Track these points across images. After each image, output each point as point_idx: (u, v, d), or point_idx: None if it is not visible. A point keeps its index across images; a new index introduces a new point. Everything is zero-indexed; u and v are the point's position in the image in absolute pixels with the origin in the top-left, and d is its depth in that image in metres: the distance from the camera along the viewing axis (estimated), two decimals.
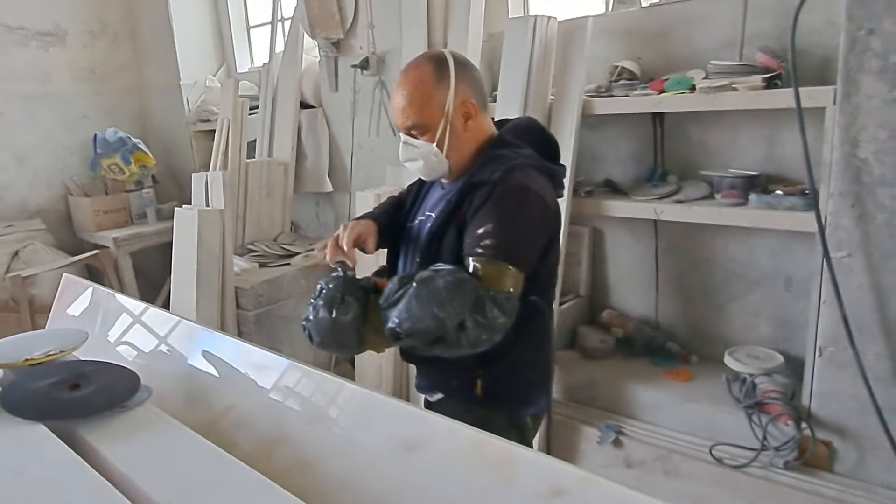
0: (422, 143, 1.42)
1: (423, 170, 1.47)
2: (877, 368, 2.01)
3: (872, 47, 1.85)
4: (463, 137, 1.43)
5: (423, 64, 1.42)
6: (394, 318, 1.26)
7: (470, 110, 1.42)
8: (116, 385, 1.06)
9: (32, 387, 1.02)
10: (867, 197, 1.94)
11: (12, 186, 4.10)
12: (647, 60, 2.52)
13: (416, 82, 1.41)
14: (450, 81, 1.39)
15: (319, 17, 3.26)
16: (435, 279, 1.25)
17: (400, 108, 1.42)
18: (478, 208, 1.35)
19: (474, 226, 1.34)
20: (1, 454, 0.87)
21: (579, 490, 0.75)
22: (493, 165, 1.37)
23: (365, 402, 1.03)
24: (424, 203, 1.57)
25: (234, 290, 2.96)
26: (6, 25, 4.01)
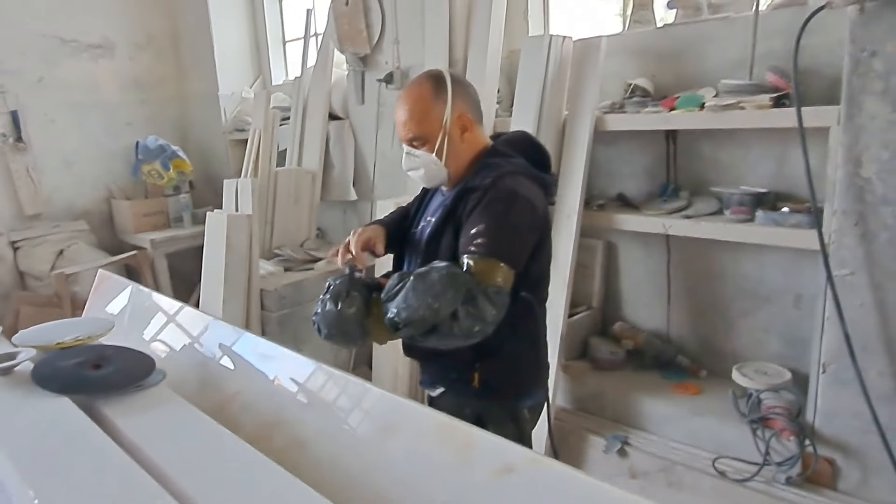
0: (422, 153, 1.55)
1: (425, 177, 1.59)
2: (879, 387, 2.02)
3: (875, 69, 1.89)
4: (460, 148, 1.55)
5: (422, 82, 1.55)
6: (392, 308, 1.36)
7: (466, 123, 1.55)
8: (134, 367, 1.17)
9: (60, 364, 1.14)
10: (870, 216, 1.96)
11: (60, 188, 4.34)
12: (661, 78, 2.58)
13: (416, 98, 1.54)
14: (447, 97, 1.52)
15: (348, 33, 3.41)
16: (430, 273, 1.36)
17: (402, 122, 1.55)
18: (471, 211, 1.47)
19: (468, 227, 1.45)
20: (30, 419, 0.99)
21: (527, 468, 0.83)
22: (486, 172, 1.49)
23: (353, 391, 1.12)
24: (426, 209, 1.68)
25: (260, 291, 3.10)
26: (60, 38, 4.27)
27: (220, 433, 1.00)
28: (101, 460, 0.87)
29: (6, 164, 4.11)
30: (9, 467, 0.86)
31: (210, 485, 0.83)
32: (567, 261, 2.61)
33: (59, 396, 1.08)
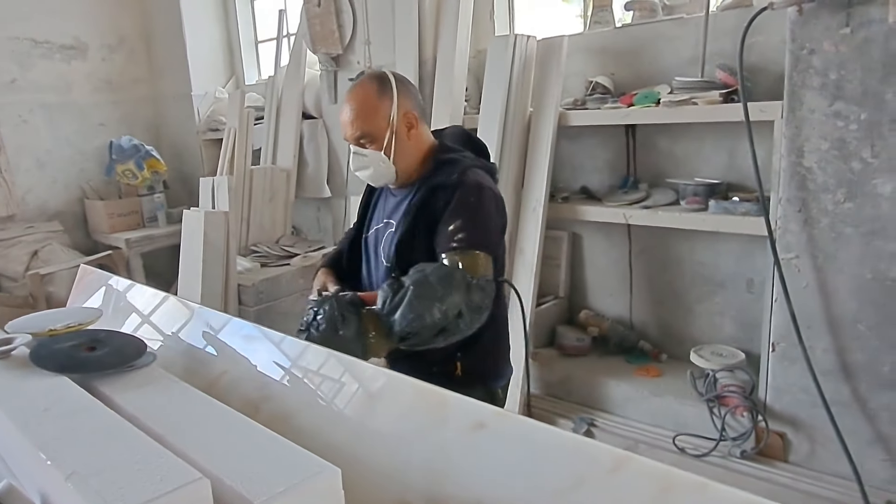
0: (370, 151, 1.56)
1: (373, 176, 1.61)
2: (824, 363, 2.17)
3: (814, 65, 2.03)
4: (407, 145, 1.58)
5: (366, 82, 1.58)
6: (400, 321, 1.39)
7: (412, 120, 1.58)
8: (126, 348, 1.25)
9: (56, 347, 1.22)
10: (812, 202, 2.11)
11: (33, 189, 4.34)
12: (620, 76, 2.71)
13: (361, 97, 1.56)
14: (392, 95, 1.55)
15: (320, 33, 3.48)
16: (428, 279, 1.39)
17: (348, 121, 1.56)
18: (444, 208, 1.51)
19: (444, 225, 1.50)
20: (30, 395, 1.06)
21: (496, 422, 0.94)
22: (449, 169, 1.55)
23: (335, 365, 1.21)
24: (377, 212, 1.71)
25: (237, 287, 3.16)
26: (33, 40, 4.27)
27: (212, 403, 1.08)
28: (105, 427, 0.94)
29: None
30: (18, 436, 0.94)
31: (208, 447, 0.91)
32: (534, 252, 2.73)
33: (56, 375, 1.15)
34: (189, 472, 0.79)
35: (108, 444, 0.88)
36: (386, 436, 1.07)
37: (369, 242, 1.69)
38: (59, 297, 3.82)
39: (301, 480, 0.80)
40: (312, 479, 0.81)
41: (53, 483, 0.88)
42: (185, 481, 0.76)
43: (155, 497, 0.73)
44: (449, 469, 0.98)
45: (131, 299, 1.85)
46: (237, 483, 0.81)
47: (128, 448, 0.87)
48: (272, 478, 0.81)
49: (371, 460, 1.04)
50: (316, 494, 0.81)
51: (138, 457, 0.84)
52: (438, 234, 1.52)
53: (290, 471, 0.83)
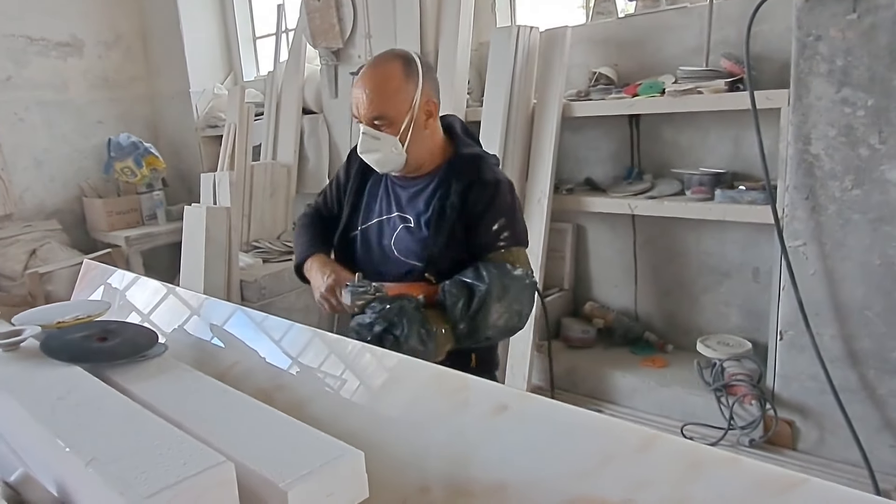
0: (384, 135, 1.47)
1: (380, 161, 1.52)
2: (832, 350, 2.17)
3: (820, 52, 2.03)
4: (423, 134, 1.50)
5: (392, 59, 1.48)
6: (487, 328, 1.43)
7: (432, 109, 1.51)
8: (138, 338, 1.24)
9: (68, 338, 1.20)
10: (819, 190, 2.11)
11: (31, 188, 4.31)
12: (624, 66, 2.70)
13: (385, 75, 1.46)
14: (418, 79, 1.46)
15: (321, 28, 3.46)
16: (512, 285, 1.44)
17: (366, 99, 1.46)
18: (485, 207, 1.49)
19: (487, 224, 1.49)
20: (45, 384, 1.05)
21: (519, 405, 0.93)
22: (474, 164, 1.52)
23: (349, 352, 1.20)
24: (378, 202, 1.61)
25: (240, 282, 3.14)
26: (28, 37, 4.23)
27: (228, 390, 1.07)
28: (121, 414, 0.93)
29: None
30: (33, 425, 0.92)
31: (228, 433, 0.89)
32: (539, 244, 2.71)
33: (68, 365, 1.14)
34: (212, 456, 0.77)
35: (127, 431, 0.86)
36: (404, 421, 1.06)
37: (370, 234, 1.61)
38: (58, 295, 3.79)
39: (325, 463, 0.80)
40: (336, 462, 0.81)
41: (72, 471, 0.86)
42: (209, 464, 0.75)
43: (179, 480, 0.72)
44: (470, 453, 0.97)
45: (136, 292, 1.84)
46: (260, 466, 0.80)
47: (147, 434, 0.85)
48: (295, 461, 0.80)
49: (389, 446, 1.03)
50: (340, 477, 0.80)
51: (158, 442, 0.82)
52: (480, 232, 1.50)
53: (312, 454, 0.82)
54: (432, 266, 1.51)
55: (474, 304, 1.42)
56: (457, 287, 1.44)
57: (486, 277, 1.43)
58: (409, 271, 1.55)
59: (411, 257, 1.55)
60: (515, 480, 0.92)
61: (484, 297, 1.41)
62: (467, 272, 1.47)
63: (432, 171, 1.56)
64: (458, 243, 1.50)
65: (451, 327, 1.44)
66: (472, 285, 1.43)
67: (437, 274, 1.51)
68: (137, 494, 0.70)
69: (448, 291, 1.44)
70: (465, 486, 0.97)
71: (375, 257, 1.61)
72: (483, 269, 1.45)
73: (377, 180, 1.64)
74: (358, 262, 1.62)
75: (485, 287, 1.42)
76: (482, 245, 1.49)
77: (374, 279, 1.54)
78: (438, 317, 1.44)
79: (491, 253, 1.48)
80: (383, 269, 1.59)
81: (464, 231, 1.50)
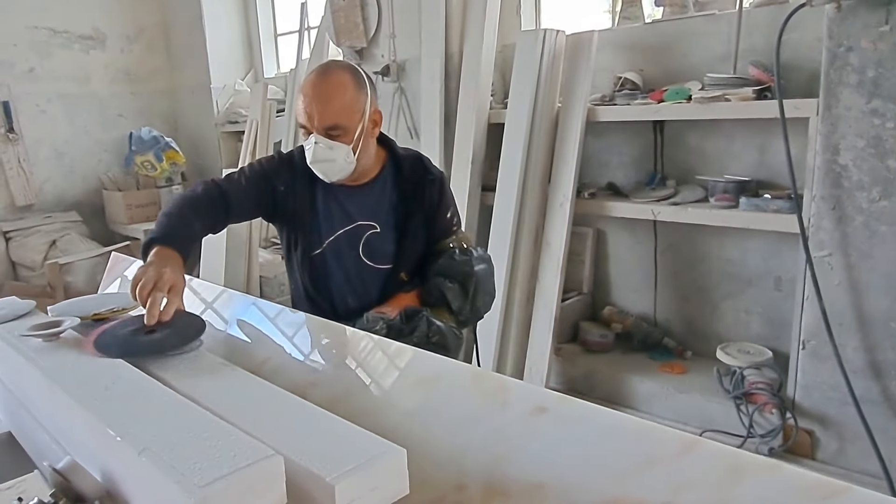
0: (338, 144, 1.48)
1: (331, 170, 1.52)
2: (855, 361, 2.16)
3: (851, 63, 2.02)
4: (369, 143, 1.55)
5: (341, 70, 1.51)
6: (483, 307, 1.61)
7: (377, 119, 1.56)
8: (186, 328, 1.25)
9: (119, 333, 1.21)
10: (846, 200, 2.10)
11: (51, 179, 4.36)
12: (649, 72, 2.70)
13: (338, 86, 1.48)
14: (366, 89, 1.52)
15: (345, 26, 3.48)
16: (483, 266, 1.61)
17: (320, 109, 1.47)
18: (438, 200, 1.64)
19: (441, 214, 1.65)
20: (89, 374, 1.06)
21: (558, 407, 0.93)
22: (425, 163, 1.66)
23: (385, 350, 1.21)
24: (334, 217, 1.60)
25: (259, 278, 3.16)
26: (51, 29, 4.28)
27: (266, 385, 1.08)
28: (168, 405, 0.94)
29: None
30: (82, 413, 0.93)
31: (270, 427, 0.90)
32: (560, 247, 2.72)
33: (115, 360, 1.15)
34: (261, 449, 0.78)
35: (175, 422, 0.88)
36: (441, 420, 1.06)
37: (338, 246, 1.61)
38: (77, 286, 3.83)
39: (369, 459, 0.80)
40: (380, 458, 0.81)
41: (122, 459, 0.87)
42: (259, 457, 0.76)
43: (231, 472, 0.73)
44: (508, 453, 0.97)
45: None
46: (306, 461, 0.80)
47: (194, 425, 0.86)
48: (340, 456, 0.81)
49: (425, 445, 1.03)
50: (383, 473, 0.81)
51: (207, 434, 0.83)
52: (437, 223, 1.64)
53: (356, 450, 0.82)
54: (404, 265, 1.62)
55: (471, 290, 1.56)
56: (450, 281, 1.57)
57: (467, 262, 1.58)
58: (381, 275, 1.63)
59: (382, 261, 1.62)
60: (553, 481, 0.92)
61: (476, 279, 1.57)
62: (444, 265, 1.59)
63: (375, 176, 1.63)
64: (422, 237, 1.63)
65: (455, 318, 1.57)
66: (460, 274, 1.57)
67: (408, 272, 1.63)
68: (192, 484, 0.71)
69: (444, 287, 1.56)
70: (502, 485, 0.97)
71: (348, 267, 1.63)
72: (456, 256, 1.60)
73: (324, 196, 1.61)
74: (330, 276, 1.63)
75: (471, 270, 1.57)
76: (439, 233, 1.64)
77: (347, 288, 1.63)
78: (443, 314, 1.56)
79: (448, 238, 1.64)
80: (356, 278, 1.63)
81: (424, 225, 1.62)
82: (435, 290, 1.57)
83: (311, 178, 1.57)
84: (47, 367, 1.10)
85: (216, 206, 1.54)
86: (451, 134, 3.09)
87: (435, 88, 3.13)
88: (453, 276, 1.57)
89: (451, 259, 1.59)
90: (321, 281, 1.63)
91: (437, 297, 1.56)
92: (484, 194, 3.04)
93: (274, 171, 1.60)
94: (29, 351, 1.20)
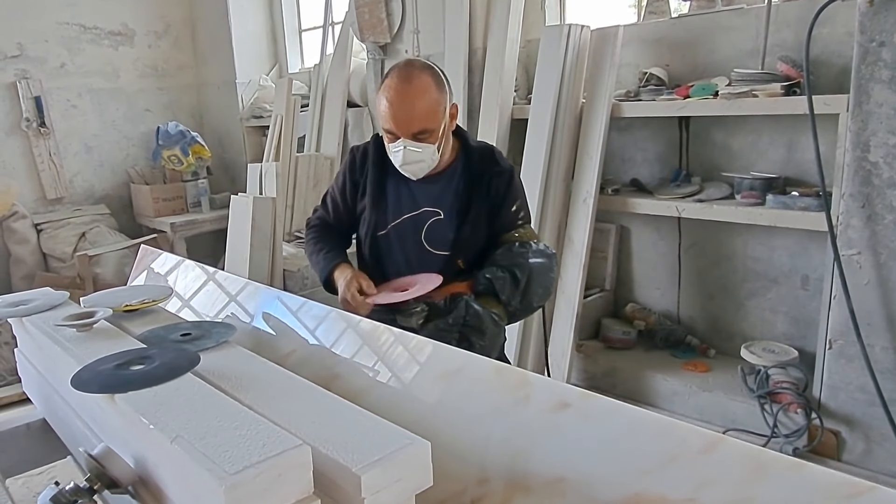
0: (426, 146, 1.54)
1: (420, 170, 1.58)
2: (883, 361, 2.12)
3: (883, 58, 1.98)
4: (448, 137, 1.61)
5: (422, 73, 1.53)
6: (537, 300, 1.62)
7: (454, 112, 1.60)
8: (218, 332, 1.27)
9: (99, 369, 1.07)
10: (877, 198, 2.07)
11: (81, 172, 4.44)
12: (675, 67, 2.68)
13: (422, 91, 1.51)
14: (446, 88, 1.56)
15: (369, 22, 3.50)
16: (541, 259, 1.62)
17: (409, 115, 1.50)
18: (504, 193, 1.65)
19: (507, 207, 1.65)
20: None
21: (581, 402, 0.94)
22: (495, 155, 1.67)
23: (407, 344, 1.22)
24: (401, 200, 1.67)
25: (283, 272, 3.20)
26: (82, 25, 4.35)
27: (292, 377, 1.10)
28: (198, 395, 0.96)
29: (29, 149, 4.21)
30: (116, 402, 0.96)
31: (297, 417, 0.92)
32: (583, 244, 2.71)
33: (142, 347, 1.18)
34: (289, 439, 0.80)
35: (205, 411, 0.90)
36: (463, 415, 1.07)
37: (402, 230, 1.67)
38: (105, 278, 3.91)
39: (394, 451, 0.82)
40: (405, 450, 0.83)
41: (154, 447, 0.90)
42: (287, 447, 0.78)
43: (260, 460, 0.75)
44: (530, 447, 0.98)
45: (192, 278, 1.89)
46: (333, 451, 0.82)
47: (224, 415, 0.88)
48: (366, 447, 0.82)
49: (447, 438, 1.04)
50: (408, 465, 0.82)
51: (236, 423, 0.85)
52: (502, 215, 1.65)
53: (381, 442, 0.84)
54: (462, 253, 1.65)
55: (522, 281, 1.57)
56: (500, 270, 1.58)
57: (522, 255, 1.59)
58: (440, 260, 1.66)
59: (442, 248, 1.66)
60: (575, 476, 0.93)
61: (528, 272, 1.57)
62: (499, 256, 1.61)
63: (447, 166, 1.66)
64: (484, 228, 1.65)
65: (504, 308, 1.58)
66: (512, 265, 1.58)
67: (465, 260, 1.66)
68: (223, 471, 0.73)
69: (494, 276, 1.58)
70: (523, 479, 0.98)
71: (409, 251, 1.69)
72: (514, 248, 1.61)
73: (395, 182, 1.68)
74: (391, 257, 1.70)
75: (525, 262, 1.58)
76: (504, 226, 1.65)
77: (407, 271, 1.68)
78: (490, 302, 1.58)
79: (510, 232, 1.65)
80: (416, 261, 1.69)
81: (487, 216, 1.64)
82: (484, 279, 1.59)
83: (383, 167, 1.67)
84: (79, 357, 1.13)
85: (333, 231, 1.79)
86: (474, 129, 3.09)
87: (458, 84, 3.13)
88: (506, 266, 1.58)
89: (508, 250, 1.61)
90: (383, 260, 1.71)
91: (487, 285, 1.58)
92: None
93: (351, 169, 1.73)
94: (63, 340, 1.23)
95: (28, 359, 1.50)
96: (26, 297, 1.51)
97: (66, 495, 0.91)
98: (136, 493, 0.95)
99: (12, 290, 3.83)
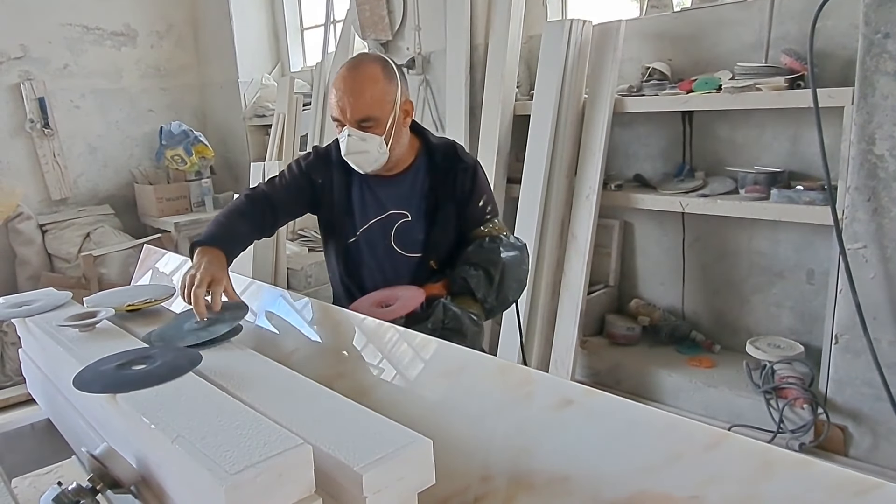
0: (370, 135, 1.51)
1: (365, 161, 1.55)
2: (890, 356, 2.11)
3: (888, 50, 1.97)
4: (401, 132, 1.57)
5: (371, 62, 1.53)
6: (512, 295, 1.61)
7: (409, 108, 1.58)
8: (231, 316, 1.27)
9: (101, 369, 1.08)
10: (882, 192, 2.05)
11: (85, 173, 4.46)
12: (678, 62, 2.66)
13: (369, 78, 1.50)
14: (396, 80, 1.53)
15: (370, 20, 3.49)
16: (513, 252, 1.60)
17: (352, 101, 1.49)
18: (471, 188, 1.64)
19: (474, 203, 1.65)
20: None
21: (584, 399, 0.93)
22: (457, 151, 1.66)
23: (411, 342, 1.22)
24: (366, 205, 1.65)
25: (286, 270, 3.20)
26: (84, 26, 4.36)
27: (295, 376, 1.09)
28: (200, 395, 0.95)
29: (34, 150, 4.22)
30: (118, 402, 0.96)
31: (298, 416, 0.92)
32: (586, 240, 2.70)
33: (144, 346, 1.18)
34: (290, 438, 0.80)
35: (206, 411, 0.89)
36: (466, 412, 1.07)
37: (372, 235, 1.66)
38: (110, 278, 3.92)
39: (396, 449, 0.81)
40: (407, 449, 0.82)
41: (156, 447, 0.90)
42: (288, 446, 0.78)
43: (261, 460, 0.75)
44: (533, 445, 0.98)
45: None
46: (334, 450, 0.82)
47: (225, 414, 0.88)
48: (367, 446, 0.82)
49: (451, 436, 1.04)
50: (410, 463, 0.82)
51: (237, 422, 0.85)
52: (469, 211, 1.64)
53: (383, 440, 0.83)
54: (434, 253, 1.64)
55: (496, 277, 1.55)
56: (474, 268, 1.56)
57: (494, 250, 1.58)
58: (412, 263, 1.66)
59: (413, 250, 1.66)
60: (578, 473, 0.92)
61: (502, 267, 1.56)
62: (471, 253, 1.60)
63: (409, 165, 1.65)
64: (453, 226, 1.64)
65: (480, 306, 1.57)
66: (485, 262, 1.57)
67: (437, 260, 1.65)
68: (224, 471, 0.73)
69: (468, 275, 1.56)
70: (527, 476, 0.98)
71: (380, 256, 1.67)
72: (485, 244, 1.60)
73: (359, 187, 1.66)
74: (363, 264, 1.69)
75: (498, 258, 1.57)
76: (472, 222, 1.64)
77: (380, 277, 1.67)
78: (467, 302, 1.56)
79: (479, 227, 1.64)
80: (388, 266, 1.67)
81: (455, 214, 1.63)
82: (459, 279, 1.57)
83: (347, 170, 1.63)
84: (82, 357, 1.13)
85: (261, 209, 1.63)
86: (476, 126, 3.08)
87: (460, 80, 3.12)
88: (478, 263, 1.56)
89: (479, 247, 1.60)
90: (354, 269, 1.69)
91: (462, 285, 1.57)
92: (509, 186, 3.03)
93: (311, 167, 1.67)
94: (66, 340, 1.23)
95: (31, 359, 1.51)
96: (29, 298, 1.52)
97: (68, 495, 0.91)
98: (139, 493, 0.95)
99: (18, 290, 3.84)
